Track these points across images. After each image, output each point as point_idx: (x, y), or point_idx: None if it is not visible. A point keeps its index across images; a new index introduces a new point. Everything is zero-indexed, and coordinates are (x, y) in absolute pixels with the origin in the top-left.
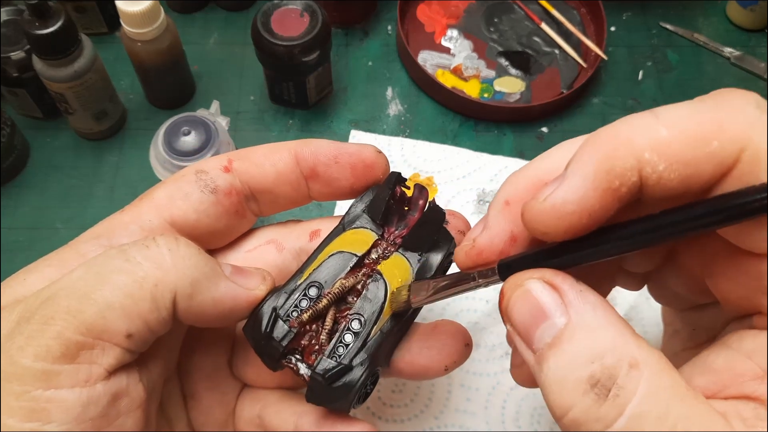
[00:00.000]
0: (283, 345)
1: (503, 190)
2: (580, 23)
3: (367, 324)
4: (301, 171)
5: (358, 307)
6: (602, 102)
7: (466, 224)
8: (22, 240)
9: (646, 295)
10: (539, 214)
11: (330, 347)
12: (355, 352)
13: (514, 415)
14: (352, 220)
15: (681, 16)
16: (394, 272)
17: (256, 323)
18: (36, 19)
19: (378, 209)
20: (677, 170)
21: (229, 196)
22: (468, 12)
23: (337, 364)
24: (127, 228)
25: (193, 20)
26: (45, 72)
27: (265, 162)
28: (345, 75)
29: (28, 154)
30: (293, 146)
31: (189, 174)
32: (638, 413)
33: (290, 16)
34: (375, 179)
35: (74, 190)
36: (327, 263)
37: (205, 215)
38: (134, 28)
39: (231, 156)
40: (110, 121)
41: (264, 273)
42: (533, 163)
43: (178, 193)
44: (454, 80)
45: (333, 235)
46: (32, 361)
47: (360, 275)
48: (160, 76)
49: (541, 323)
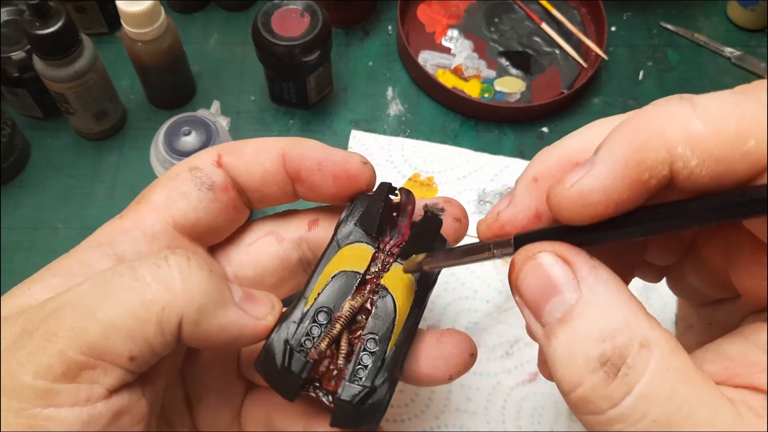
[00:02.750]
0: (302, 377)
1: (532, 166)
2: (581, 23)
3: (383, 341)
4: (287, 172)
5: (371, 327)
6: (603, 102)
7: (462, 212)
8: (22, 240)
9: (646, 296)
10: (565, 200)
11: (350, 371)
12: (376, 372)
13: (514, 414)
14: (345, 235)
15: (681, 16)
16: (398, 284)
17: (269, 358)
18: (36, 19)
19: (372, 222)
20: (710, 167)
21: (226, 191)
22: (468, 12)
23: (362, 388)
24: (129, 234)
25: (193, 20)
26: (45, 72)
27: (253, 161)
28: (345, 75)
29: (29, 154)
30: (282, 145)
31: (183, 172)
32: (646, 393)
33: (291, 16)
34: (357, 190)
35: (74, 190)
36: (331, 286)
37: (205, 213)
38: (135, 28)
39: (220, 150)
40: (111, 121)
41: (273, 300)
42: (564, 141)
43: (176, 193)
44: (454, 80)
45: (329, 253)
46: (32, 378)
47: (366, 293)
48: (161, 76)
49: (552, 298)
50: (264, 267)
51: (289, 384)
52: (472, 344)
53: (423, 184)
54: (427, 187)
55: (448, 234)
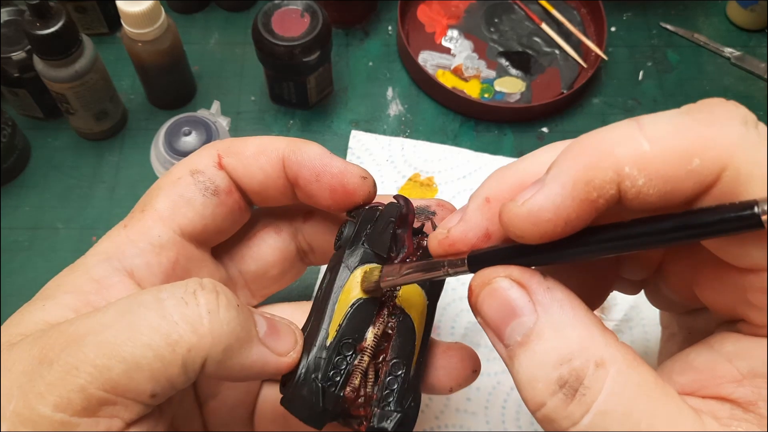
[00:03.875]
0: (334, 412)
1: (485, 186)
2: (581, 23)
3: (406, 363)
4: (287, 177)
5: (394, 350)
6: (602, 102)
7: None
8: (22, 240)
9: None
10: (515, 218)
11: (378, 397)
12: (403, 394)
13: (514, 414)
14: (356, 258)
15: (681, 17)
16: (411, 301)
17: (303, 401)
18: (37, 20)
19: (383, 244)
20: (657, 186)
21: (230, 194)
22: (468, 12)
23: (395, 413)
24: (137, 246)
25: (193, 20)
26: (46, 72)
27: (254, 164)
28: (345, 75)
29: (29, 154)
30: (284, 149)
31: (185, 176)
32: (603, 411)
33: (291, 16)
34: (354, 204)
35: (75, 190)
36: (352, 316)
37: (212, 219)
38: (135, 28)
39: (220, 150)
40: (111, 121)
41: (296, 334)
42: (518, 163)
43: (181, 200)
44: (454, 80)
45: (340, 278)
46: (51, 410)
47: (385, 317)
48: (161, 77)
49: (511, 321)
50: (266, 260)
51: (320, 417)
52: (476, 361)
53: (423, 184)
54: (427, 187)
55: None
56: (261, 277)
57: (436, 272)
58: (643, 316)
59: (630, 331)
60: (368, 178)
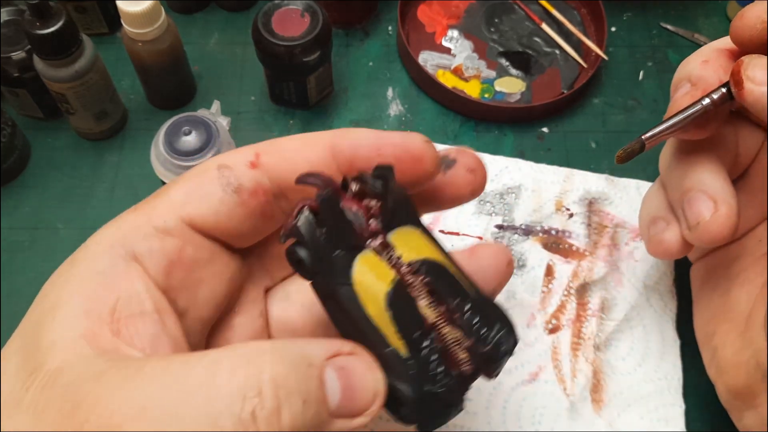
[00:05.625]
0: (462, 397)
1: (694, 58)
2: (581, 23)
3: (464, 293)
4: (338, 166)
5: (449, 295)
6: (603, 102)
7: (477, 162)
8: (22, 240)
9: (646, 296)
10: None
11: (476, 340)
12: (488, 316)
13: (515, 414)
14: (342, 269)
15: (682, 17)
16: (413, 245)
17: (436, 416)
18: (37, 19)
19: (350, 234)
20: None
21: (255, 196)
22: (468, 12)
23: (497, 335)
24: (141, 230)
25: (193, 20)
26: (46, 72)
27: (296, 157)
28: (346, 75)
29: (29, 154)
30: (329, 137)
31: (210, 169)
32: None
33: (291, 16)
34: (424, 174)
35: (75, 190)
36: (396, 314)
37: (227, 218)
38: (135, 28)
39: (259, 149)
40: (111, 121)
41: (377, 388)
42: (710, 43)
43: (198, 191)
44: (454, 80)
45: (348, 298)
46: None
47: (418, 284)
48: (161, 76)
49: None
50: None
51: (455, 411)
52: (507, 252)
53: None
54: None
55: (462, 187)
56: (281, 258)
57: (695, 107)
58: (644, 316)
59: (630, 331)
60: (430, 142)
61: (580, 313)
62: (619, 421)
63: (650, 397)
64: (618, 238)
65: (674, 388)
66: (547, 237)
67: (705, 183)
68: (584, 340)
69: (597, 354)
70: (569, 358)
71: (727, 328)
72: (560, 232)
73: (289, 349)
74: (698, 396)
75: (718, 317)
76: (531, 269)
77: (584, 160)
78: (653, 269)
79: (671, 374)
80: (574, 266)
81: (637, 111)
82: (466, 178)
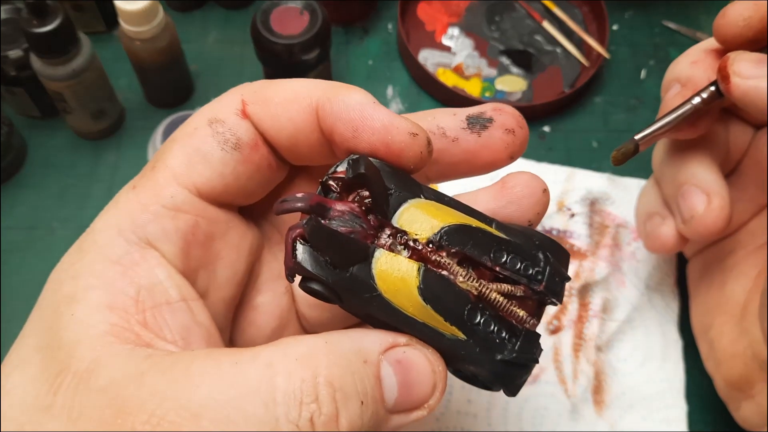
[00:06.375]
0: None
1: (683, 59)
2: (582, 22)
3: (498, 244)
4: (322, 131)
5: (484, 250)
6: (604, 101)
7: (517, 120)
8: (19, 240)
9: (648, 297)
10: (742, 4)
11: (530, 277)
12: (528, 254)
13: (516, 416)
14: (363, 278)
15: (683, 15)
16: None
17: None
18: (34, 18)
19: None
20: None
21: (255, 149)
22: (469, 10)
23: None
24: (149, 210)
25: (191, 18)
26: (43, 71)
27: (282, 114)
28: (345, 74)
29: (26, 153)
30: (317, 96)
31: (202, 126)
32: None
33: (290, 14)
34: (405, 166)
35: (72, 190)
36: (439, 304)
37: (234, 178)
38: (133, 26)
39: (245, 95)
40: (108, 120)
41: (436, 379)
42: (698, 44)
43: (196, 155)
44: (455, 79)
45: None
46: None
47: (447, 259)
48: (159, 75)
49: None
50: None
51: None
52: (540, 180)
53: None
54: None
55: (499, 151)
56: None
57: (686, 107)
58: (646, 316)
59: (632, 332)
60: (420, 134)
61: (581, 313)
62: (621, 422)
63: (652, 399)
64: (620, 238)
65: (676, 389)
66: None
67: (698, 177)
68: (586, 341)
69: (599, 355)
70: (571, 359)
71: (723, 320)
72: (561, 232)
73: (344, 346)
74: (700, 397)
75: (714, 310)
76: None
77: (586, 160)
78: (655, 270)
79: (673, 375)
80: (576, 267)
81: (639, 110)
82: (504, 140)
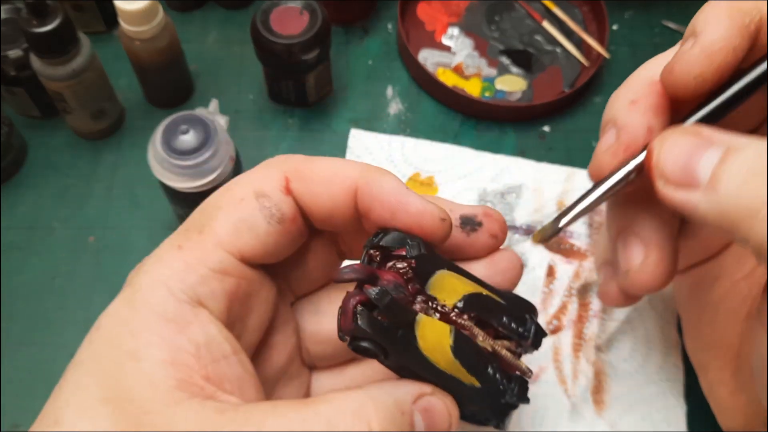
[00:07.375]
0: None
1: (622, 95)
2: (582, 21)
3: (499, 309)
4: (358, 208)
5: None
6: (605, 101)
7: (502, 227)
8: (19, 240)
9: (648, 297)
10: (690, 59)
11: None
12: (519, 319)
13: (515, 415)
14: (405, 343)
15: (683, 15)
16: (448, 288)
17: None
18: (34, 18)
19: (400, 309)
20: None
21: (294, 222)
22: (469, 10)
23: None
24: (197, 272)
25: (191, 18)
26: (43, 71)
27: (323, 191)
28: (345, 74)
29: (26, 153)
30: (356, 177)
31: (249, 198)
32: None
33: (289, 14)
34: (431, 242)
35: (72, 190)
36: (465, 360)
37: (273, 246)
38: (132, 26)
39: (287, 172)
40: (108, 120)
41: (451, 420)
42: (642, 69)
43: (244, 225)
44: (455, 79)
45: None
46: None
47: (469, 323)
48: (159, 75)
49: (704, 152)
50: (308, 264)
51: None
52: (518, 257)
53: (423, 184)
54: (428, 186)
55: (481, 251)
56: (303, 279)
57: (616, 179)
58: (646, 317)
59: (632, 332)
60: (447, 219)
61: (581, 313)
62: (621, 422)
63: (652, 399)
64: None
65: (676, 389)
66: None
67: (638, 224)
68: (586, 341)
69: (598, 355)
70: (570, 359)
71: (719, 364)
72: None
73: (384, 398)
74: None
75: (708, 349)
76: (532, 269)
77: (586, 160)
78: None
79: (673, 375)
80: (576, 266)
81: None
82: (488, 243)
